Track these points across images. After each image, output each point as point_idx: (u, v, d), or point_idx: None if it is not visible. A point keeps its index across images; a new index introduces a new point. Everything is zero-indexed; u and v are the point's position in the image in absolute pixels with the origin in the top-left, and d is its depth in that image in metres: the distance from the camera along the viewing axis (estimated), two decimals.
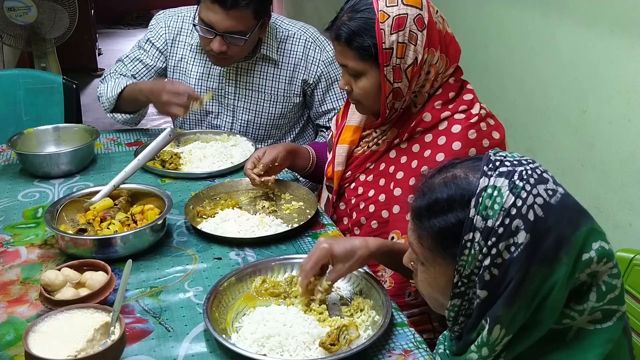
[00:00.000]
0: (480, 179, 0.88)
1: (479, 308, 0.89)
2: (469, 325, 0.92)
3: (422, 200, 0.93)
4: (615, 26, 2.18)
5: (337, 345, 1.14)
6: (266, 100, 2.17)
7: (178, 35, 2.19)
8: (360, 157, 1.62)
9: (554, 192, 0.87)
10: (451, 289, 0.92)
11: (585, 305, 0.87)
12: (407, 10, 1.42)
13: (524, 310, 0.85)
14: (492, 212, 0.86)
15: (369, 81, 1.48)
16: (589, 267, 0.86)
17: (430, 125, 1.50)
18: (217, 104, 2.20)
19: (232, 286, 1.32)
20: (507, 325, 0.86)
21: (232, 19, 1.90)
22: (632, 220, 2.19)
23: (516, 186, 0.86)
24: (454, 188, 0.90)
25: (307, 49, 2.14)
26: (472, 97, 1.52)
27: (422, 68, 1.46)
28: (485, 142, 1.47)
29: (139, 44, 2.25)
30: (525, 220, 0.85)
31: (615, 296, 0.88)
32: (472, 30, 3.02)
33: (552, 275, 0.84)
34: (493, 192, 0.86)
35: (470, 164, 0.93)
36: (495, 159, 0.91)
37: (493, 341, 0.87)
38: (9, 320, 1.25)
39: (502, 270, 0.85)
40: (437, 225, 0.90)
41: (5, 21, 4.09)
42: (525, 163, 0.90)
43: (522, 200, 0.85)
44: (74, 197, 1.59)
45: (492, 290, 0.87)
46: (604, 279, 0.87)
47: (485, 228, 0.86)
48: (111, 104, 2.14)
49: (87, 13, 6.11)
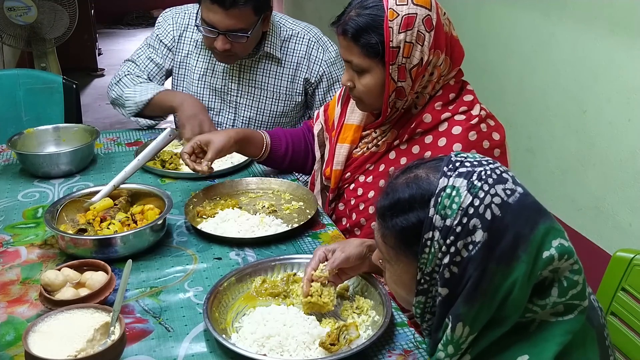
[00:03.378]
0: (439, 179, 0.91)
1: (441, 306, 0.91)
2: (435, 324, 0.94)
3: (386, 200, 0.96)
4: (615, 26, 2.18)
5: (337, 345, 1.14)
6: (268, 98, 2.18)
7: (185, 31, 2.21)
8: (359, 158, 1.62)
9: (513, 192, 0.89)
10: (415, 286, 0.94)
11: (548, 300, 0.89)
12: (417, 10, 1.42)
13: (487, 308, 0.87)
14: (451, 211, 0.88)
15: (372, 78, 1.47)
16: (550, 264, 0.88)
17: (430, 127, 1.50)
18: (219, 100, 2.21)
19: (232, 286, 1.32)
20: (470, 323, 0.88)
21: (232, 17, 1.91)
22: (632, 220, 2.19)
23: (474, 186, 0.88)
24: (415, 188, 0.93)
25: (310, 48, 2.15)
26: (472, 98, 1.52)
27: (426, 69, 1.46)
28: (486, 143, 1.47)
29: (147, 42, 2.25)
30: (483, 219, 0.87)
31: (578, 292, 0.90)
32: (471, 30, 3.03)
33: (512, 274, 0.86)
34: (452, 192, 0.89)
35: (432, 164, 0.96)
36: (455, 159, 0.93)
37: (457, 339, 0.89)
38: (9, 320, 1.25)
39: (461, 268, 0.88)
40: (399, 224, 0.93)
41: (5, 21, 4.09)
42: (485, 163, 0.92)
43: (479, 200, 0.87)
44: (74, 197, 1.59)
45: (453, 288, 0.89)
46: (566, 275, 0.89)
47: (444, 227, 0.88)
48: (139, 109, 2.14)
49: (87, 13, 6.11)
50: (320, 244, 1.54)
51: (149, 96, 2.11)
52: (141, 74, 2.21)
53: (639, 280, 1.35)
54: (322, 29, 2.23)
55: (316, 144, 1.82)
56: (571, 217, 2.52)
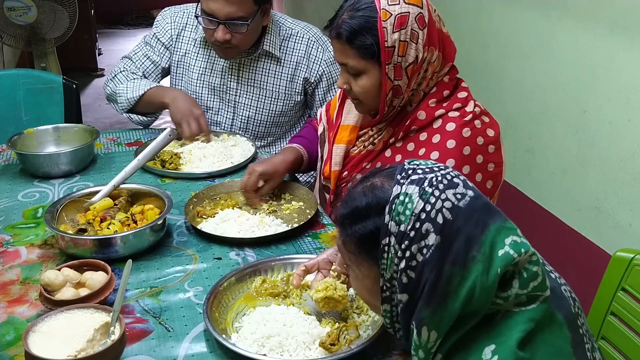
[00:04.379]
0: (393, 187, 0.94)
1: (404, 313, 0.94)
2: (404, 332, 0.97)
3: (344, 209, 1.00)
4: (615, 26, 2.18)
5: (337, 345, 1.14)
6: (267, 97, 2.18)
7: (183, 30, 2.21)
8: (356, 157, 1.62)
9: (463, 196, 0.92)
10: (379, 294, 0.97)
11: (510, 292, 0.91)
12: (409, 8, 1.42)
13: (449, 310, 0.89)
14: (404, 217, 0.91)
15: (369, 80, 1.47)
16: (510, 261, 0.90)
17: (425, 124, 1.51)
18: (218, 99, 2.21)
19: (232, 286, 1.32)
20: (435, 327, 0.90)
21: (231, 4, 1.92)
22: (632, 220, 2.19)
23: (425, 192, 0.92)
24: (371, 196, 0.96)
25: (309, 47, 2.15)
26: (466, 95, 1.52)
27: (421, 66, 1.46)
28: (480, 139, 1.47)
29: (145, 39, 2.26)
30: (435, 223, 0.90)
31: (539, 283, 0.93)
32: (472, 30, 3.02)
33: (469, 274, 0.89)
34: (405, 199, 0.92)
35: (387, 172, 0.99)
36: (408, 167, 0.97)
37: (425, 343, 0.92)
38: (9, 320, 1.25)
39: (417, 273, 0.90)
40: (358, 231, 0.97)
41: (5, 21, 4.09)
42: (437, 170, 0.96)
43: (430, 205, 0.91)
44: (74, 197, 1.59)
45: (411, 293, 0.92)
46: (525, 267, 0.92)
47: (398, 232, 0.91)
48: (130, 105, 2.15)
49: (87, 13, 6.10)
50: (321, 244, 1.54)
51: (140, 92, 2.12)
52: (137, 70, 2.21)
53: (639, 280, 1.35)
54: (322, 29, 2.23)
55: (319, 144, 1.82)
56: (571, 217, 2.52)
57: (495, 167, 1.48)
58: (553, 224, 2.58)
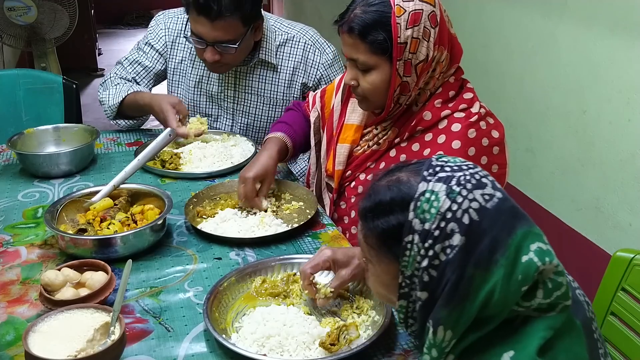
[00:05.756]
0: (419, 184, 0.92)
1: (421, 310, 0.92)
2: (418, 329, 0.96)
3: (367, 202, 0.97)
4: (615, 26, 2.18)
5: (337, 345, 1.14)
6: (265, 104, 2.16)
7: (178, 37, 2.18)
8: (361, 157, 1.62)
9: (491, 197, 0.90)
10: (397, 290, 0.95)
11: (533, 302, 0.90)
12: (423, 6, 1.43)
13: (467, 311, 0.88)
14: (429, 215, 0.89)
15: (379, 76, 1.47)
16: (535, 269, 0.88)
17: (430, 124, 1.51)
18: (216, 107, 2.20)
19: (232, 286, 1.32)
20: (452, 327, 0.89)
21: (218, 29, 1.88)
22: (632, 220, 2.19)
23: (453, 191, 0.90)
24: (395, 191, 0.94)
25: (306, 51, 2.13)
26: (472, 96, 1.53)
27: (431, 65, 1.46)
28: (485, 140, 1.47)
29: (138, 45, 2.24)
30: (460, 223, 0.88)
31: (562, 293, 0.91)
32: (472, 30, 3.03)
33: (491, 277, 0.87)
34: (430, 197, 0.90)
35: (414, 167, 0.97)
36: (436, 164, 0.94)
37: (440, 342, 0.90)
38: (9, 320, 1.25)
39: (439, 272, 0.89)
40: (380, 226, 0.95)
41: (5, 21, 4.10)
42: (465, 168, 0.93)
43: (457, 205, 0.89)
44: (74, 197, 1.59)
45: (431, 291, 0.90)
46: (550, 277, 0.90)
47: (422, 231, 0.90)
48: (113, 112, 2.14)
49: (87, 13, 6.11)
50: (321, 244, 1.54)
51: (119, 99, 2.10)
52: (127, 75, 2.19)
53: (639, 280, 1.35)
54: (323, 29, 2.22)
55: (312, 131, 1.81)
56: (571, 217, 2.53)
57: (499, 169, 1.48)
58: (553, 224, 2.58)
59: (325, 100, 1.79)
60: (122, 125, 2.20)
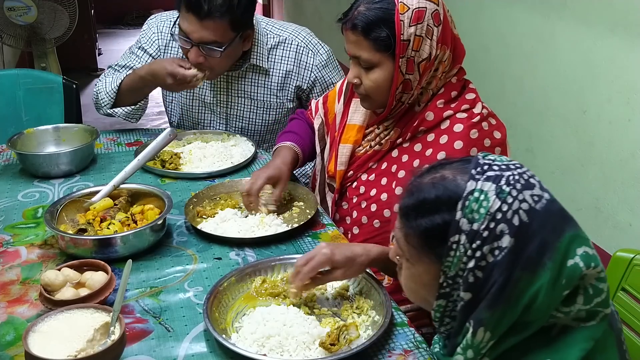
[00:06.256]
0: (467, 182, 0.90)
1: (463, 310, 0.90)
2: (455, 329, 0.94)
3: (410, 199, 0.95)
4: (615, 26, 2.18)
5: (337, 345, 1.14)
6: (259, 108, 2.15)
7: (171, 41, 2.17)
8: (363, 157, 1.62)
9: (540, 198, 0.89)
10: (437, 289, 0.93)
11: (572, 308, 0.89)
12: (426, 4, 1.43)
13: (509, 314, 0.86)
14: (478, 215, 0.87)
15: (382, 73, 1.47)
16: (578, 274, 0.87)
17: (432, 125, 1.51)
18: (209, 112, 2.19)
19: (232, 286, 1.32)
20: (491, 329, 0.87)
21: (205, 28, 1.86)
22: (632, 220, 2.19)
23: (503, 191, 0.88)
24: (441, 189, 0.91)
25: (299, 54, 2.11)
26: (474, 96, 1.53)
27: (433, 64, 1.47)
28: (487, 141, 1.47)
29: (130, 49, 2.22)
30: (510, 225, 0.86)
31: (602, 300, 0.89)
32: (472, 30, 3.03)
33: (537, 280, 0.86)
34: (480, 196, 0.88)
35: (458, 165, 0.94)
36: (483, 162, 0.92)
37: (478, 344, 0.89)
38: (9, 320, 1.25)
39: (485, 273, 0.87)
40: (423, 225, 0.92)
41: (5, 21, 4.10)
42: (513, 168, 0.91)
43: (507, 205, 0.87)
44: (74, 197, 1.59)
45: (476, 292, 0.88)
46: (592, 283, 0.89)
47: (470, 231, 0.88)
48: (111, 99, 2.11)
49: (87, 13, 6.11)
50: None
51: (117, 82, 2.08)
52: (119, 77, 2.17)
53: (639, 280, 1.35)
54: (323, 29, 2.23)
55: (317, 138, 1.81)
56: None
57: None
58: None
59: (328, 106, 1.79)
60: (119, 114, 2.15)
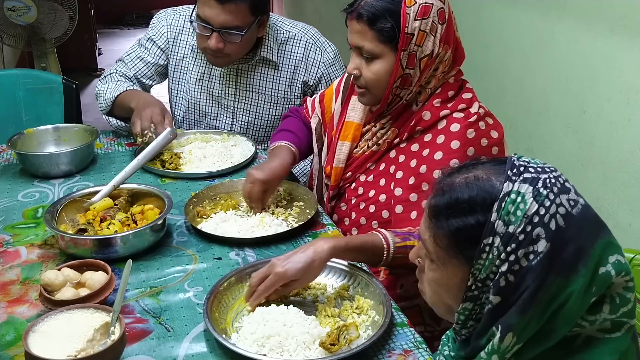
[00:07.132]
0: (504, 183, 0.87)
1: (490, 314, 0.88)
2: (478, 330, 0.91)
3: (442, 199, 0.92)
4: (615, 26, 2.18)
5: (337, 345, 1.14)
6: (266, 102, 2.17)
7: (180, 34, 2.18)
8: (360, 158, 1.62)
9: (576, 203, 0.87)
10: (464, 292, 0.91)
11: (598, 317, 0.87)
12: (433, 0, 1.44)
13: (537, 320, 0.85)
14: (515, 218, 0.85)
15: (383, 65, 1.47)
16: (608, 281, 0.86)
17: (429, 124, 1.51)
18: (216, 105, 2.20)
19: (232, 286, 1.32)
20: (519, 334, 0.85)
21: (227, 13, 1.89)
22: (632, 220, 2.19)
23: (540, 194, 0.85)
24: (475, 189, 0.89)
25: (307, 50, 2.14)
26: (471, 96, 1.53)
27: (434, 61, 1.47)
28: (484, 141, 1.47)
29: (139, 42, 2.23)
30: (547, 229, 0.84)
31: (628, 310, 0.88)
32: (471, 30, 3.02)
33: (569, 286, 0.84)
34: (517, 198, 0.86)
35: (491, 166, 0.92)
36: (519, 163, 0.90)
37: (504, 349, 0.86)
38: (9, 320, 1.25)
39: (518, 278, 0.85)
40: (455, 225, 0.89)
41: (5, 21, 4.09)
42: (549, 171, 0.89)
43: (545, 209, 0.85)
44: (74, 197, 1.59)
45: (506, 297, 0.86)
46: (619, 292, 0.88)
47: (505, 233, 0.85)
48: (108, 106, 2.11)
49: (87, 13, 6.11)
50: None
51: (116, 93, 2.08)
52: (128, 71, 2.18)
53: (639, 280, 1.35)
54: (323, 29, 2.22)
55: (314, 138, 1.81)
56: None
57: None
58: None
59: (325, 105, 1.79)
60: (112, 124, 2.15)
